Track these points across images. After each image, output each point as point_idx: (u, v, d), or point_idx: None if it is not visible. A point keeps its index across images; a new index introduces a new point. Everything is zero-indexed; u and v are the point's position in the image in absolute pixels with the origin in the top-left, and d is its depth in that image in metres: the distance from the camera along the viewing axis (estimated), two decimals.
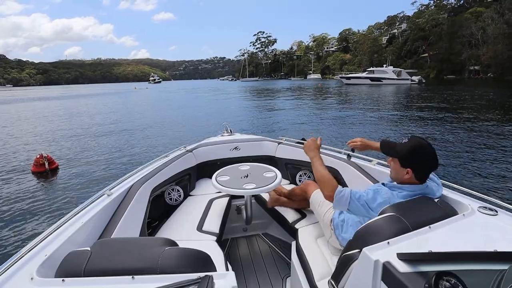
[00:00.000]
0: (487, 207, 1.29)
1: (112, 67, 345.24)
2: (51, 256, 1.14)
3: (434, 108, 15.20)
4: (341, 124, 11.85)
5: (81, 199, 4.83)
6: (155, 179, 2.21)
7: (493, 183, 5.13)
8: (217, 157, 3.08)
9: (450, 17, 63.52)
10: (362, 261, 0.99)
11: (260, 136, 3.33)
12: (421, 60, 65.15)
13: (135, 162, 7.09)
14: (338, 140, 8.78)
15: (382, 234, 1.09)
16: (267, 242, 2.65)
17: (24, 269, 1.04)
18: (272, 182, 2.07)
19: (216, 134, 3.51)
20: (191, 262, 0.95)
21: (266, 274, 2.23)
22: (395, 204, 1.30)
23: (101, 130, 11.83)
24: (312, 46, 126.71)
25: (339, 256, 1.34)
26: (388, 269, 0.88)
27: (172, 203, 2.61)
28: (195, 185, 2.93)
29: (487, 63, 47.70)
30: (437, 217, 1.17)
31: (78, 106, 25.31)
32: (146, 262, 0.93)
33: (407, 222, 1.13)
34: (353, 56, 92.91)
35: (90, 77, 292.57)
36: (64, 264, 1.00)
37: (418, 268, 0.84)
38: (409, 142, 1.37)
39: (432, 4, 76.28)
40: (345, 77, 49.76)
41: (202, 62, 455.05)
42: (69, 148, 8.82)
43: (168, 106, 23.86)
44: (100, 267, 0.93)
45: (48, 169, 6.32)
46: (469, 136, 8.59)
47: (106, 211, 1.63)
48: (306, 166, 2.81)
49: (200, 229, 2.08)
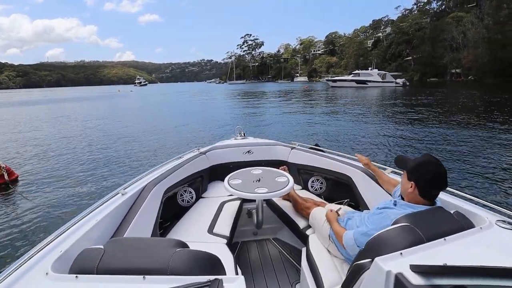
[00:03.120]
0: (506, 221, 1.25)
1: (96, 70, 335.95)
2: (66, 252, 1.18)
3: (421, 110, 15.27)
4: (330, 126, 11.79)
5: (40, 210, 4.74)
6: (168, 180, 2.22)
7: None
8: (230, 160, 3.07)
9: (432, 22, 65.05)
10: (373, 271, 0.97)
11: (273, 141, 3.33)
12: (405, 63, 66.30)
13: (97, 174, 6.57)
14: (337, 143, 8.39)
15: (395, 245, 1.07)
16: (277, 247, 2.61)
17: (40, 264, 1.08)
18: (284, 187, 2.06)
19: (230, 137, 3.53)
20: (201, 265, 0.96)
21: (275, 279, 2.20)
22: (409, 214, 1.28)
23: (71, 140, 11.01)
24: (299, 49, 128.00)
25: (350, 264, 1.35)
26: (401, 281, 0.85)
27: (184, 204, 2.61)
28: (207, 187, 2.93)
29: (468, 66, 48.81)
30: (453, 230, 1.14)
31: (51, 112, 24.11)
32: (157, 262, 0.95)
33: (421, 233, 1.10)
34: (340, 59, 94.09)
35: (73, 79, 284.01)
36: (78, 261, 1.03)
37: (431, 281, 0.82)
38: (420, 157, 1.43)
39: (415, 8, 78.25)
40: (331, 80, 50.10)
41: (189, 65, 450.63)
42: (31, 158, 8.17)
43: (151, 111, 23.00)
44: (113, 265, 0.95)
45: (8, 181, 5.89)
46: (478, 142, 8.33)
47: (119, 210, 1.66)
48: (319, 172, 2.79)
49: (211, 231, 2.08)
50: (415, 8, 78.35)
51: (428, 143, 8.50)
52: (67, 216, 4.38)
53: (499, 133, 9.30)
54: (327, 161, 2.70)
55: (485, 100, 20.13)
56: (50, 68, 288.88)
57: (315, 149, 2.98)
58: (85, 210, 1.53)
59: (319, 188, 2.84)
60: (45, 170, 6.96)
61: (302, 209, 2.27)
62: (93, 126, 14.30)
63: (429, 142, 8.59)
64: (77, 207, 4.76)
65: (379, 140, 9.22)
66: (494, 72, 42.49)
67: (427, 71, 58.56)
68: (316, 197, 2.68)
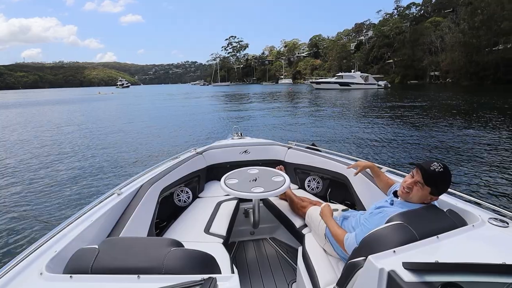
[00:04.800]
0: (498, 219, 1.26)
1: (76, 71, 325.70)
2: (60, 253, 1.17)
3: (404, 111, 15.52)
4: (316, 127, 11.79)
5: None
6: (164, 180, 2.21)
7: (507, 193, 4.81)
8: (227, 160, 3.06)
9: (412, 26, 67.08)
10: (367, 269, 0.99)
11: (270, 140, 3.32)
12: (387, 65, 68.06)
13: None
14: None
15: (388, 243, 1.09)
16: (274, 247, 2.61)
17: (34, 264, 1.08)
18: (280, 186, 2.07)
19: (227, 137, 3.49)
20: (195, 264, 0.97)
21: (272, 278, 2.20)
22: (403, 212, 1.30)
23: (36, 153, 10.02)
24: (283, 51, 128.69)
25: (345, 263, 1.36)
26: (393, 278, 0.86)
27: (181, 204, 2.60)
28: (204, 187, 2.91)
29: (446, 69, 50.67)
30: (446, 227, 1.15)
31: (18, 118, 22.49)
32: (151, 262, 0.95)
33: (414, 231, 1.12)
34: (323, 62, 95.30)
35: (51, 81, 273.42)
36: (73, 261, 1.03)
37: (424, 278, 0.83)
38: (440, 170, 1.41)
39: (395, 13, 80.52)
40: (315, 82, 50.53)
41: (173, 67, 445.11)
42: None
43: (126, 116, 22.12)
44: (107, 265, 0.96)
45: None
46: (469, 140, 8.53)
47: (115, 210, 1.65)
48: (315, 171, 2.80)
49: (207, 231, 2.07)
50: (395, 12, 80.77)
51: (414, 143, 8.56)
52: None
53: (488, 132, 9.50)
54: (324, 161, 2.71)
55: (462, 101, 20.83)
56: (27, 69, 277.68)
57: (312, 148, 2.99)
58: (80, 211, 1.50)
59: (316, 187, 2.85)
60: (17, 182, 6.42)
61: (298, 209, 2.26)
62: (58, 136, 11.81)
63: (415, 142, 8.66)
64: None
65: (364, 139, 9.29)
66: (470, 74, 44.25)
67: (408, 74, 60.30)
68: (312, 196, 2.68)
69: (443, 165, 1.33)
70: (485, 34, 42.93)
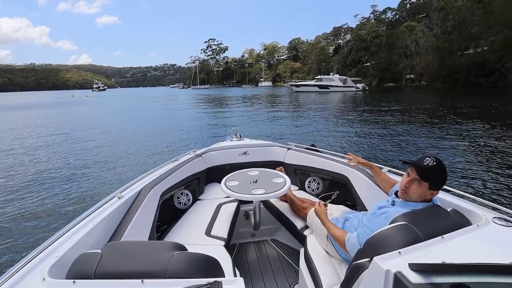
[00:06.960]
0: (503, 218, 1.26)
1: (49, 73, 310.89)
2: (62, 258, 1.17)
3: (382, 112, 15.36)
4: (298, 127, 11.73)
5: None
6: (165, 183, 2.19)
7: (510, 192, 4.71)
8: (226, 161, 3.04)
9: (388, 30, 68.55)
10: (372, 271, 0.97)
11: (269, 142, 3.31)
12: (364, 69, 69.07)
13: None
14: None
15: (393, 244, 1.07)
16: (275, 248, 2.59)
17: (36, 269, 1.07)
18: (281, 188, 2.07)
19: (226, 139, 3.46)
20: (200, 267, 0.96)
21: (274, 280, 2.18)
22: (407, 212, 1.30)
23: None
24: (263, 54, 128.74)
25: (348, 264, 1.35)
26: (400, 280, 0.85)
27: (181, 207, 2.57)
28: (204, 189, 2.88)
29: (420, 72, 51.82)
30: (450, 227, 1.15)
31: None
32: (155, 266, 0.94)
33: (419, 232, 1.11)
34: (303, 65, 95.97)
35: (21, 84, 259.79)
36: (75, 266, 1.02)
37: (431, 279, 0.81)
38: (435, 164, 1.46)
39: (372, 17, 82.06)
40: (294, 85, 50.29)
41: (151, 69, 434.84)
42: None
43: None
44: (111, 269, 0.94)
45: None
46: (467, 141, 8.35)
47: (116, 214, 1.65)
48: (316, 172, 2.78)
49: (208, 233, 2.06)
50: (372, 16, 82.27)
51: (397, 144, 8.16)
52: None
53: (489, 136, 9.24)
54: (324, 162, 2.67)
55: (432, 102, 21.07)
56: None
57: (312, 149, 2.97)
58: (81, 215, 1.49)
59: (316, 188, 2.83)
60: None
61: (299, 210, 2.24)
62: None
63: (399, 143, 8.28)
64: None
65: (346, 139, 9.16)
66: (443, 77, 45.46)
67: (385, 77, 61.41)
68: (313, 197, 2.67)
69: (435, 159, 1.35)
70: (457, 38, 44.22)
